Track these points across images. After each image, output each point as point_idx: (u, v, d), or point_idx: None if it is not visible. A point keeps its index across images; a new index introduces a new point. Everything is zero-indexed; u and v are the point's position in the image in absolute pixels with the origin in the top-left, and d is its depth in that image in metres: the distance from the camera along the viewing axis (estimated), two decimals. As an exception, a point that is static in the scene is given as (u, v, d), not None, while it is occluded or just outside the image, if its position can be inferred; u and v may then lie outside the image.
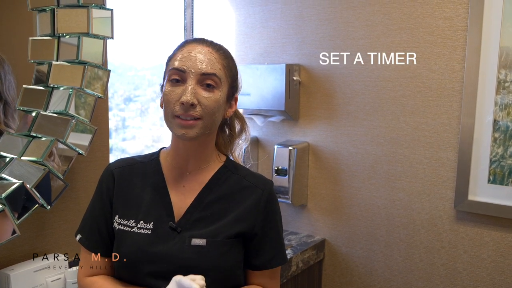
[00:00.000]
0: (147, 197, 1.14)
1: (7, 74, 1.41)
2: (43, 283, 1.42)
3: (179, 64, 1.07)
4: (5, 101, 1.42)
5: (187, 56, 1.07)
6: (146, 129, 2.39)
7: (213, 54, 1.10)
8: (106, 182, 1.18)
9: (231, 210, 1.13)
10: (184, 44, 1.12)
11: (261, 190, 1.15)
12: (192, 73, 1.05)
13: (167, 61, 1.13)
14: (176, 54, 1.10)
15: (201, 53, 1.08)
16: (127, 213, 1.14)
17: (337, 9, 2.06)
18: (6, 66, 1.41)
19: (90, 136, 1.51)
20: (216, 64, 1.09)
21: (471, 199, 1.81)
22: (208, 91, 1.07)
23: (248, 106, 2.24)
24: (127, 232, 1.12)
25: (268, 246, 1.15)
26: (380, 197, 2.03)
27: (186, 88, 1.05)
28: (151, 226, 1.11)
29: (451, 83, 1.84)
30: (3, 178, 1.34)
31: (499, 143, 1.75)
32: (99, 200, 1.18)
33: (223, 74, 1.10)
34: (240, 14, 2.34)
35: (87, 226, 1.18)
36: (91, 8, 1.48)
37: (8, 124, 1.44)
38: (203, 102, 1.06)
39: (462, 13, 1.79)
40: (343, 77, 2.07)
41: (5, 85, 1.41)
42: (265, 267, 1.16)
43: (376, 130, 2.01)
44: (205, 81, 1.07)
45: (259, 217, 1.14)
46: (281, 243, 1.19)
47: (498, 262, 1.80)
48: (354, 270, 2.12)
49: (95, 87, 1.50)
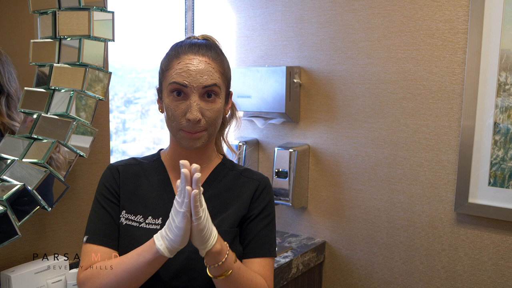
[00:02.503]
0: (154, 194, 1.17)
1: (5, 65, 1.39)
2: (44, 285, 1.43)
3: (179, 79, 1.08)
4: (8, 93, 1.40)
5: (187, 71, 1.08)
6: (147, 131, 2.39)
7: (211, 64, 1.11)
8: (111, 178, 1.18)
9: (232, 203, 1.17)
10: (179, 53, 1.11)
11: (258, 182, 1.20)
12: (194, 88, 1.08)
13: (163, 69, 1.13)
14: (172, 65, 1.10)
15: (200, 66, 1.09)
16: (134, 209, 1.15)
17: (338, 12, 2.07)
18: (4, 57, 1.39)
19: (91, 138, 1.51)
20: (215, 74, 1.10)
21: (471, 201, 1.81)
22: (210, 102, 1.10)
23: (249, 109, 2.24)
24: (135, 228, 1.13)
25: (259, 233, 1.17)
26: (381, 200, 2.03)
27: (190, 105, 1.07)
28: (159, 222, 1.13)
29: (452, 86, 1.84)
30: (4, 180, 1.35)
31: (499, 145, 1.75)
32: (103, 196, 1.16)
33: (221, 81, 1.13)
34: (240, 17, 2.34)
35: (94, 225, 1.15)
36: (92, 10, 1.48)
37: (12, 116, 1.42)
38: (207, 115, 1.09)
39: (463, 16, 1.79)
40: (343, 80, 2.08)
41: (5, 77, 1.39)
42: (255, 254, 1.16)
43: (376, 133, 2.02)
44: (206, 92, 1.09)
45: (255, 204, 1.18)
46: (272, 236, 1.20)
47: (498, 265, 1.80)
48: (355, 272, 2.12)
49: (96, 89, 1.51)
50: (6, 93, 1.40)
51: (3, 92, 1.40)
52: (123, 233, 1.14)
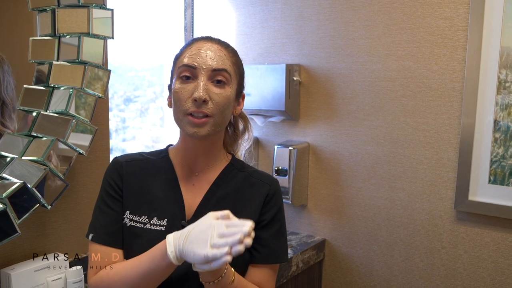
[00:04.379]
0: (160, 193, 1.14)
1: (5, 75, 1.41)
2: (44, 283, 1.42)
3: (189, 61, 1.07)
4: (3, 101, 1.41)
5: (197, 53, 1.07)
6: (146, 130, 2.39)
7: (222, 51, 1.10)
8: (115, 174, 1.15)
9: (240, 205, 1.14)
10: (192, 42, 1.12)
11: (269, 186, 1.17)
12: (203, 69, 1.06)
13: (175, 60, 1.13)
14: (184, 52, 1.10)
15: (211, 50, 1.08)
16: (139, 209, 1.12)
17: (338, 9, 2.06)
18: (5, 66, 1.41)
19: (91, 136, 1.51)
20: (226, 61, 1.09)
21: (471, 199, 1.81)
22: (219, 88, 1.07)
23: (248, 106, 2.24)
24: (139, 229, 1.10)
25: (269, 240, 1.14)
26: (380, 197, 2.03)
27: (198, 85, 1.05)
28: (165, 223, 1.10)
29: (452, 83, 1.84)
30: (4, 178, 1.34)
31: (499, 143, 1.75)
32: (107, 193, 1.14)
33: (232, 70, 1.11)
34: (240, 14, 2.34)
35: (99, 222, 1.13)
36: (92, 8, 1.48)
37: (6, 124, 1.43)
38: (214, 98, 1.06)
39: (463, 13, 1.79)
40: (343, 77, 2.07)
41: (3, 85, 1.40)
42: (265, 261, 1.14)
43: (376, 130, 2.01)
44: (216, 77, 1.07)
45: (265, 208, 1.15)
46: (284, 241, 1.18)
47: (498, 262, 1.80)
48: (354, 270, 2.12)
49: (95, 87, 1.51)
50: (1, 101, 1.40)
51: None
52: (127, 234, 1.12)
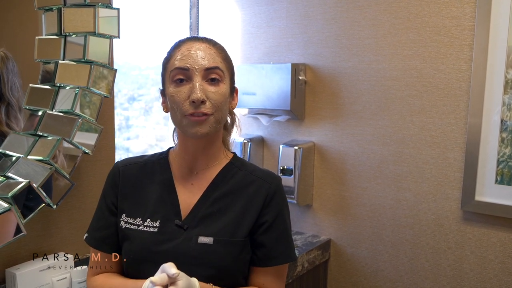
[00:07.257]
0: (154, 195, 1.14)
1: (10, 75, 1.40)
2: (49, 282, 1.42)
3: (181, 63, 1.06)
4: (8, 102, 1.41)
5: (188, 54, 1.07)
6: (150, 128, 2.39)
7: (212, 49, 1.10)
8: (112, 180, 1.18)
9: (239, 205, 1.12)
10: (179, 44, 1.12)
11: (269, 184, 1.15)
12: (196, 70, 1.06)
13: (164, 64, 1.13)
14: (173, 54, 1.10)
15: (200, 49, 1.08)
16: (134, 212, 1.14)
17: (343, 8, 2.05)
18: (10, 65, 1.40)
19: (96, 135, 1.50)
20: (217, 58, 1.09)
21: (478, 199, 1.80)
22: (214, 86, 1.07)
23: (254, 106, 2.23)
24: (134, 231, 1.11)
25: (274, 241, 1.13)
26: (386, 197, 2.02)
27: (194, 86, 1.05)
28: (157, 224, 1.10)
29: (458, 83, 1.83)
30: (10, 177, 1.34)
31: (506, 143, 1.74)
32: (104, 198, 1.18)
33: (224, 67, 1.11)
34: (245, 14, 2.33)
35: (93, 225, 1.19)
36: (98, 7, 1.48)
37: (11, 125, 1.43)
38: (211, 97, 1.06)
39: (469, 12, 1.78)
40: (349, 77, 2.07)
41: (7, 86, 1.40)
42: (271, 263, 1.13)
43: (382, 130, 2.01)
44: (209, 76, 1.07)
45: (266, 210, 1.12)
46: (289, 240, 1.16)
47: (505, 263, 1.78)
48: (360, 270, 2.12)
49: (100, 86, 1.50)
50: (6, 102, 1.40)
51: (4, 101, 1.40)
52: (122, 236, 1.13)
